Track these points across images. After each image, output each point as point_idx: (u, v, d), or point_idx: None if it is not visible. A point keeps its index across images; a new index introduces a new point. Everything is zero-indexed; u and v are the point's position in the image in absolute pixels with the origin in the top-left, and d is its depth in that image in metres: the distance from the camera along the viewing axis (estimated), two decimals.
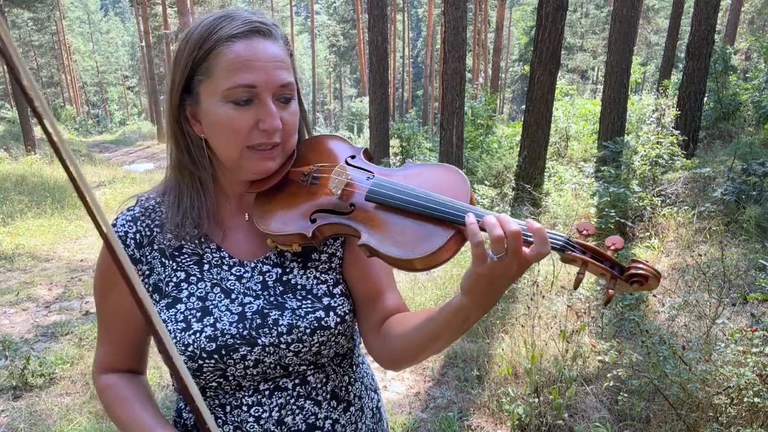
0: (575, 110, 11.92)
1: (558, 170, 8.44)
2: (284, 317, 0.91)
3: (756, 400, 2.50)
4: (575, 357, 3.28)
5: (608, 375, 2.98)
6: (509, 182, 8.44)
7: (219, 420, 0.96)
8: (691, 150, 8.56)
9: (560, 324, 3.75)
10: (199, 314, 0.90)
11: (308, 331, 0.91)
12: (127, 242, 0.94)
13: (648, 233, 5.93)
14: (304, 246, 0.91)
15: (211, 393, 0.95)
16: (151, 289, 0.94)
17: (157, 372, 3.56)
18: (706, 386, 2.72)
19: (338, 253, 1.00)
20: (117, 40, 54.12)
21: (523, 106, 8.17)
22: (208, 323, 0.89)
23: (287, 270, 0.96)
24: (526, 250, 0.72)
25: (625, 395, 2.89)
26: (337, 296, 0.96)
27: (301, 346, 0.91)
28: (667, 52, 13.75)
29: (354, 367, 1.06)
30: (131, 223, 0.96)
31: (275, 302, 0.93)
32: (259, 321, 0.91)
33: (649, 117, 9.62)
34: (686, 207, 6.15)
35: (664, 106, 9.29)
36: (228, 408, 0.95)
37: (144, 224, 0.97)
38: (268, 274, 0.96)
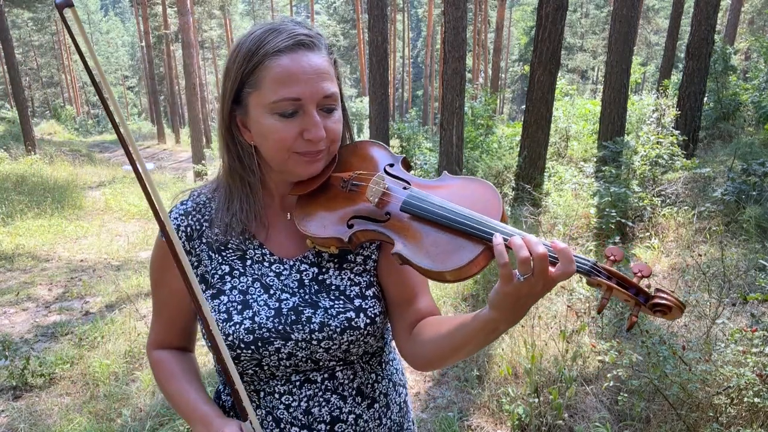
0: (575, 110, 11.92)
1: (558, 170, 8.44)
2: (317, 315, 0.97)
3: (756, 400, 2.50)
4: (575, 357, 3.28)
5: (608, 375, 2.98)
6: (509, 182, 8.44)
7: (253, 404, 1.03)
8: (691, 150, 8.56)
9: (560, 324, 3.75)
10: (240, 307, 0.97)
11: (339, 330, 0.96)
12: (179, 234, 1.03)
13: (648, 233, 5.93)
14: (340, 248, 0.95)
15: (248, 379, 1.02)
16: (198, 279, 1.02)
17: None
18: (706, 386, 2.72)
19: (373, 256, 1.04)
20: (117, 40, 54.12)
21: (523, 106, 8.17)
22: (247, 316, 0.96)
23: (323, 270, 1.01)
24: (552, 269, 0.74)
25: (625, 395, 2.89)
26: (369, 298, 1.00)
27: (331, 343, 0.97)
28: (667, 52, 13.75)
29: (383, 365, 1.10)
30: (183, 217, 1.04)
31: (310, 300, 0.98)
32: (293, 317, 0.97)
33: (649, 117, 9.62)
34: (686, 207, 6.15)
35: (664, 106, 9.29)
36: (262, 394, 1.02)
37: (195, 219, 1.04)
38: (305, 272, 1.01)
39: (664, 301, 0.74)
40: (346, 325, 0.96)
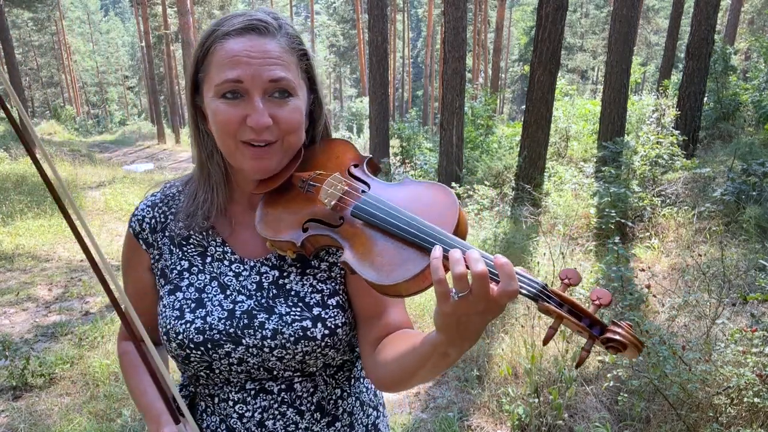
0: (575, 110, 11.92)
1: (558, 170, 8.44)
2: (270, 321, 0.91)
3: (756, 400, 2.50)
4: (575, 357, 3.28)
5: (608, 375, 2.98)
6: (509, 182, 8.44)
7: (208, 409, 1.00)
8: (691, 150, 8.56)
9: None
10: (193, 305, 0.94)
11: (292, 339, 0.90)
12: (143, 226, 1.01)
13: (648, 233, 5.93)
14: (296, 253, 0.89)
15: (203, 381, 0.98)
16: (159, 273, 1.00)
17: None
18: (706, 386, 2.72)
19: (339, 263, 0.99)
20: (117, 40, 54.10)
21: (523, 106, 8.17)
22: (199, 315, 0.92)
23: (284, 274, 0.96)
24: (495, 288, 0.65)
25: (625, 395, 2.89)
26: (331, 307, 0.94)
27: (284, 352, 0.91)
28: (667, 52, 13.75)
29: (351, 380, 1.04)
30: (149, 209, 1.03)
31: (265, 305, 0.93)
32: (246, 321, 0.92)
33: (649, 117, 9.63)
34: (686, 207, 6.15)
35: (664, 106, 9.30)
36: (216, 399, 0.98)
37: (160, 211, 1.02)
38: (265, 275, 0.96)
39: (618, 337, 0.63)
40: (301, 334, 0.90)
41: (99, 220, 8.21)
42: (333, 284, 0.96)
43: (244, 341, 0.91)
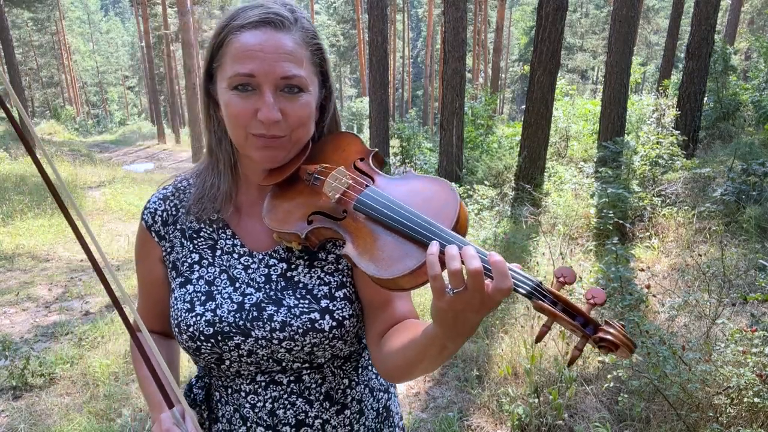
0: (575, 110, 11.92)
1: (558, 170, 8.44)
2: (279, 314, 0.92)
3: (756, 400, 2.50)
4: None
5: (608, 375, 2.98)
6: (509, 182, 8.44)
7: (222, 399, 1.02)
8: (691, 150, 8.56)
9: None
10: (203, 298, 0.95)
11: (300, 331, 0.92)
12: (155, 218, 1.03)
13: (648, 233, 5.93)
14: (302, 245, 0.90)
15: (215, 373, 1.00)
16: (170, 266, 1.01)
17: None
18: (706, 386, 2.72)
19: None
20: (117, 40, 54.11)
21: (523, 106, 8.17)
22: (209, 308, 0.93)
23: (292, 266, 0.97)
24: (490, 284, 0.66)
25: (625, 395, 2.89)
26: (339, 300, 0.95)
27: (293, 344, 0.92)
28: (667, 52, 13.76)
29: (359, 370, 1.05)
30: (161, 201, 1.04)
31: (274, 297, 0.94)
32: (255, 314, 0.93)
33: (649, 117, 9.63)
34: (686, 207, 6.15)
35: (664, 106, 9.30)
36: (229, 390, 1.01)
37: (172, 204, 1.04)
38: (273, 267, 0.97)
39: (610, 337, 0.64)
40: (309, 326, 0.91)
41: (99, 220, 8.21)
42: (340, 276, 0.97)
43: (253, 333, 0.92)
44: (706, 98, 9.41)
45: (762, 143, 8.14)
